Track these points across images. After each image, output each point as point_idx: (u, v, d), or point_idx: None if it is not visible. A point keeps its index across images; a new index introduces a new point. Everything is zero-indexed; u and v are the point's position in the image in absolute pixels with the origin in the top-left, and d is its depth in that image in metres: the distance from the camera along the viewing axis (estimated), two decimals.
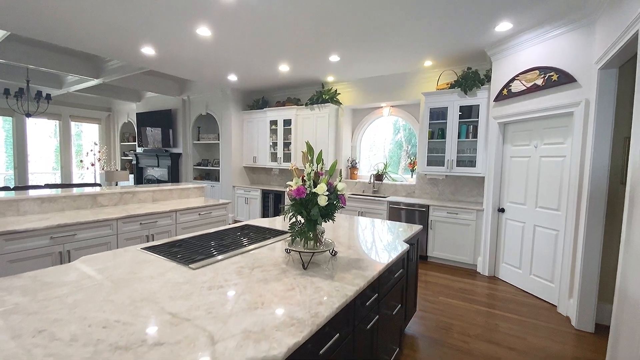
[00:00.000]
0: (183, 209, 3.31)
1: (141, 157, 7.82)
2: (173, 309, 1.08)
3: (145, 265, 1.50)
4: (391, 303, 1.80)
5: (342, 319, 1.24)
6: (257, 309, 1.09)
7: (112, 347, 0.86)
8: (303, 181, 1.51)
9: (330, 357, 1.16)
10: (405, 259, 2.04)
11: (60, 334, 0.91)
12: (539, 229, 3.21)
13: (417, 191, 4.75)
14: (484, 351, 2.27)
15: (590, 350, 2.31)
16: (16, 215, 2.64)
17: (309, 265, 1.53)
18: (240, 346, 0.88)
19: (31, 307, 1.07)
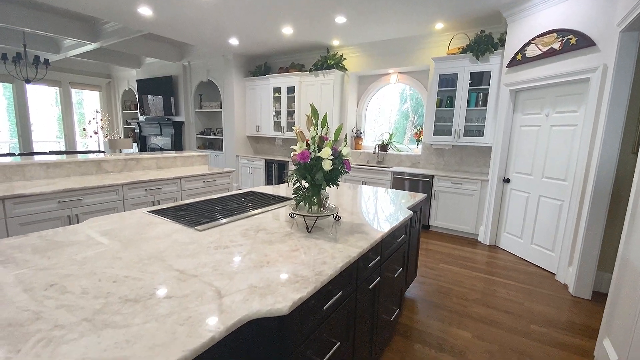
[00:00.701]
0: (187, 175, 3.32)
1: (144, 125, 7.75)
2: (180, 266, 1.10)
3: (151, 226, 1.52)
4: (393, 266, 1.84)
5: (345, 279, 1.26)
6: (263, 267, 1.12)
7: (122, 299, 0.89)
8: (307, 145, 1.48)
9: (333, 312, 1.20)
10: (408, 225, 2.06)
11: (71, 288, 0.94)
12: (544, 199, 3.20)
13: (422, 162, 4.71)
14: (481, 314, 2.34)
15: (586, 315, 2.38)
16: (22, 180, 2.67)
17: (313, 229, 1.54)
18: (247, 300, 0.91)
19: (41, 264, 1.09)
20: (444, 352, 1.92)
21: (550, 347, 2.00)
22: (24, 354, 0.67)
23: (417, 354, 1.90)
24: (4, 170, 2.57)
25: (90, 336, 0.73)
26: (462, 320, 2.26)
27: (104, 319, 0.79)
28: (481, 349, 1.96)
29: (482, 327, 2.18)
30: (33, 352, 0.67)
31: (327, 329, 1.17)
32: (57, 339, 0.72)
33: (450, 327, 2.17)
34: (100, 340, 0.71)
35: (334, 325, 1.22)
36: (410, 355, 1.89)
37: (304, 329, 1.02)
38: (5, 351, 0.67)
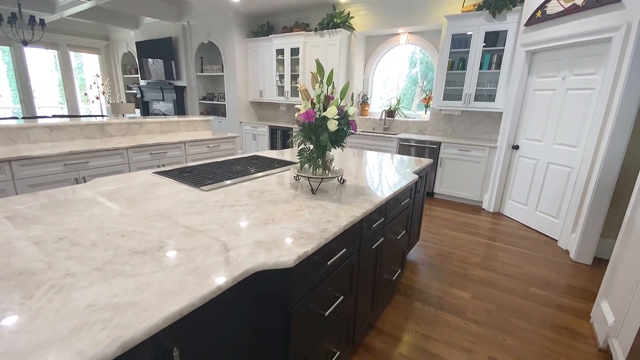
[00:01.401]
0: (191, 140, 3.30)
1: (145, 90, 7.61)
2: (187, 223, 1.11)
3: (157, 186, 1.53)
4: (396, 229, 1.85)
5: (348, 237, 1.28)
6: (268, 225, 1.12)
7: (131, 251, 0.90)
8: (312, 105, 1.43)
9: (337, 269, 1.23)
10: (413, 189, 2.05)
11: (80, 241, 0.96)
12: (553, 166, 3.14)
13: (429, 128, 4.60)
14: (481, 276, 2.40)
15: (585, 279, 2.42)
16: (27, 143, 2.67)
17: (318, 191, 1.54)
18: (253, 253, 0.92)
19: (50, 219, 1.11)
20: (443, 310, 1.99)
21: (547, 307, 2.06)
22: (37, 299, 0.69)
23: (417, 312, 1.97)
24: (8, 132, 2.56)
25: (100, 284, 0.75)
26: (462, 282, 2.31)
27: (114, 268, 0.81)
28: (480, 308, 2.03)
29: (482, 289, 2.24)
30: (46, 298, 0.69)
31: (331, 283, 1.20)
32: (69, 286, 0.74)
33: (450, 288, 2.23)
34: (111, 288, 0.73)
35: (337, 281, 1.25)
36: (410, 312, 1.97)
37: (309, 282, 1.05)
38: (18, 297, 0.69)
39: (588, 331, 1.85)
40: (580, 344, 1.75)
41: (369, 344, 1.70)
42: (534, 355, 1.66)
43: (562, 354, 1.68)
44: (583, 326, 1.90)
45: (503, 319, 1.94)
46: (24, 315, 0.64)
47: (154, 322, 0.63)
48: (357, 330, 1.56)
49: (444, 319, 1.92)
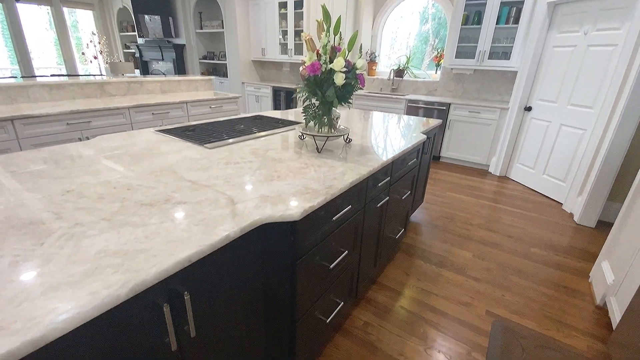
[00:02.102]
0: (193, 100, 3.22)
1: (144, 49, 7.33)
2: (192, 178, 1.10)
3: (161, 144, 1.51)
4: (401, 189, 1.84)
5: (354, 195, 1.27)
6: (273, 181, 1.12)
7: (138, 203, 0.91)
8: (318, 56, 1.35)
9: (341, 225, 1.24)
10: (420, 150, 2.01)
11: (87, 193, 0.96)
12: (565, 128, 3.05)
13: (439, 89, 4.43)
14: (483, 237, 2.43)
15: (587, 241, 2.45)
16: (28, 102, 2.62)
17: (323, 150, 1.51)
18: (259, 206, 0.92)
19: (56, 173, 1.11)
20: (444, 268, 2.05)
21: (547, 267, 2.11)
22: (48, 246, 0.70)
23: (418, 269, 2.03)
24: (8, 91, 2.51)
25: (109, 232, 0.76)
26: (464, 242, 2.35)
27: (122, 219, 0.82)
28: (480, 266, 2.08)
29: (483, 249, 2.28)
30: (57, 245, 0.71)
31: (335, 238, 1.22)
32: (79, 234, 0.75)
33: (452, 248, 2.28)
34: (120, 236, 0.74)
35: (342, 237, 1.27)
36: (412, 269, 2.02)
37: (314, 236, 1.06)
38: (29, 244, 0.71)
39: (586, 289, 1.90)
40: (577, 300, 1.81)
41: (371, 297, 1.77)
42: (530, 310, 1.72)
43: (559, 309, 1.74)
44: (581, 285, 1.94)
45: (503, 276, 1.99)
46: (36, 261, 0.65)
47: (164, 267, 0.65)
48: (360, 284, 1.62)
49: (444, 276, 1.97)
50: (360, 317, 1.64)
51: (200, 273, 0.76)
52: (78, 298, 0.56)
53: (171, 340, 0.70)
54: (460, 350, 1.47)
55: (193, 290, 0.76)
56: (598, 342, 1.53)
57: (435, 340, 1.52)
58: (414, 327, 1.58)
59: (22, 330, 0.49)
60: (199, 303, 0.79)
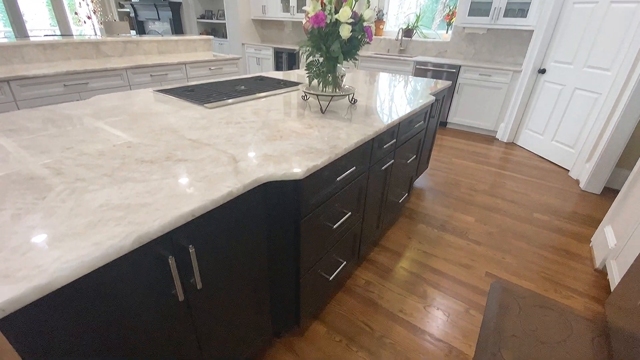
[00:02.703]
0: (192, 61, 3.10)
1: (139, 8, 6.96)
2: (193, 137, 1.08)
3: (160, 103, 1.46)
4: (406, 153, 1.81)
5: (359, 156, 1.24)
6: (276, 140, 1.09)
7: (139, 160, 0.89)
8: (322, 6, 1.26)
9: (345, 186, 1.22)
10: (427, 113, 1.94)
11: (87, 150, 0.94)
12: (579, 92, 2.93)
13: (449, 50, 4.22)
14: (486, 202, 2.43)
15: (591, 208, 2.44)
16: (22, 63, 2.54)
17: (327, 111, 1.46)
18: (262, 165, 0.90)
19: (54, 131, 1.09)
20: (446, 232, 2.07)
21: (549, 231, 2.12)
22: (49, 200, 0.69)
23: (420, 232, 2.05)
24: (2, 52, 2.41)
25: (111, 187, 0.75)
26: (466, 207, 2.35)
27: (123, 175, 0.81)
28: (482, 230, 2.10)
29: (486, 213, 2.29)
30: (59, 199, 0.70)
31: (339, 199, 1.21)
32: (80, 189, 0.74)
33: (455, 212, 2.28)
34: (122, 191, 0.73)
35: (346, 198, 1.26)
36: (414, 232, 2.04)
37: (318, 196, 1.05)
38: (31, 198, 0.70)
39: (586, 253, 1.92)
40: (576, 264, 1.83)
41: (373, 259, 1.81)
42: (529, 272, 1.75)
43: (558, 271, 1.77)
44: (582, 249, 1.96)
45: (504, 240, 2.01)
46: (38, 214, 0.65)
47: (167, 220, 0.64)
48: (363, 245, 1.64)
49: (446, 239, 2.00)
50: (362, 276, 1.68)
51: (204, 228, 0.76)
52: (82, 248, 0.56)
53: (178, 291, 0.72)
54: (459, 308, 1.51)
55: (198, 244, 0.76)
56: (595, 303, 1.57)
57: (435, 298, 1.56)
58: (414, 287, 1.63)
59: (27, 277, 0.49)
60: (204, 257, 0.79)
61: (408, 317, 1.46)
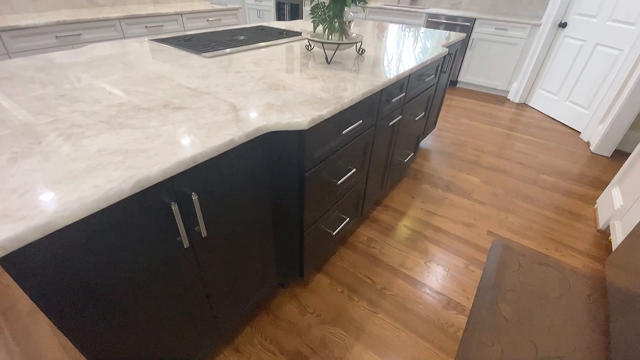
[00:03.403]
0: (189, 11, 2.91)
1: None
2: (191, 85, 1.03)
3: (156, 52, 1.39)
4: (415, 109, 1.74)
5: (366, 109, 1.19)
6: (279, 90, 1.03)
7: (135, 108, 0.85)
8: None
9: (351, 141, 1.19)
10: (439, 67, 1.84)
11: (82, 98, 0.90)
12: (600, 48, 2.75)
13: (464, 1, 3.92)
14: (493, 163, 2.39)
15: (600, 170, 2.39)
16: (12, 13, 2.40)
17: (333, 62, 1.38)
18: (264, 114, 0.86)
19: (48, 79, 1.04)
20: (450, 192, 2.05)
21: (554, 192, 2.10)
22: (46, 145, 0.67)
23: (424, 192, 2.04)
24: None
25: (108, 133, 0.72)
26: (472, 168, 2.32)
27: (120, 121, 0.78)
28: (487, 191, 2.08)
29: (492, 174, 2.26)
30: (55, 144, 0.68)
31: (344, 155, 1.18)
32: (77, 134, 0.71)
33: (460, 173, 2.26)
34: (119, 137, 0.71)
35: (351, 153, 1.23)
36: (417, 192, 2.04)
37: (323, 149, 1.02)
38: (26, 143, 0.68)
39: (590, 215, 1.92)
40: (579, 224, 1.83)
41: (376, 217, 1.82)
42: (531, 232, 1.76)
43: (560, 231, 1.77)
44: (586, 210, 1.95)
45: (508, 201, 2.00)
46: (35, 157, 0.63)
47: (168, 166, 0.62)
48: (366, 203, 1.64)
49: (449, 199, 1.99)
50: (364, 233, 1.70)
51: (207, 177, 0.75)
52: (81, 190, 0.54)
53: (183, 238, 0.72)
54: (459, 264, 1.54)
55: (201, 193, 0.75)
56: (595, 261, 1.59)
57: (436, 255, 1.59)
58: (416, 243, 1.65)
59: (27, 217, 0.48)
60: (207, 206, 0.79)
61: (409, 271, 1.50)
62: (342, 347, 1.18)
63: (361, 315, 1.29)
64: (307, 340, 1.19)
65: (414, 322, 1.27)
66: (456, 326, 1.27)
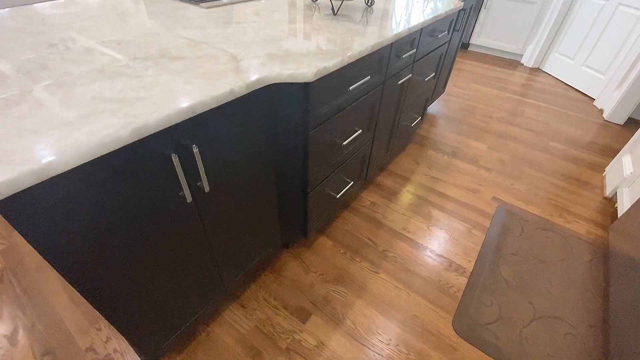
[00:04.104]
0: None
1: None
2: (188, 36, 0.96)
3: (148, 4, 1.30)
4: (425, 69, 1.66)
5: (374, 64, 1.13)
6: (281, 41, 0.97)
7: (131, 57, 0.80)
8: None
9: (358, 99, 1.14)
10: (453, 22, 1.72)
11: (73, 47, 0.85)
12: (623, 8, 2.56)
13: None
14: (502, 130, 2.32)
15: (611, 137, 2.33)
16: None
17: (339, 14, 1.28)
18: (265, 64, 0.81)
19: (36, 29, 0.98)
20: (456, 158, 2.02)
21: (563, 160, 2.05)
22: (37, 92, 0.64)
23: (430, 158, 2.01)
24: None
25: (102, 82, 0.68)
26: (480, 135, 2.26)
27: (115, 70, 0.73)
28: (494, 157, 2.04)
29: (500, 141, 2.20)
30: (47, 91, 0.64)
31: (350, 114, 1.13)
32: (69, 83, 0.67)
33: (468, 139, 2.20)
34: (114, 85, 0.67)
35: (357, 113, 1.18)
36: (423, 158, 2.00)
37: (329, 106, 0.98)
38: (17, 91, 0.64)
39: (598, 182, 1.89)
40: (586, 192, 1.81)
41: (380, 182, 1.80)
42: (537, 198, 1.74)
43: (565, 198, 1.76)
44: (594, 178, 1.92)
45: (515, 167, 1.96)
46: (26, 105, 0.60)
47: (165, 114, 0.59)
48: (371, 167, 1.61)
49: (455, 165, 1.96)
50: (368, 198, 1.70)
51: (208, 130, 0.71)
52: (77, 136, 0.52)
53: (185, 193, 0.70)
54: (462, 228, 1.55)
55: (202, 147, 0.72)
56: (599, 228, 1.59)
57: (439, 219, 1.59)
58: (419, 208, 1.65)
59: (21, 161, 0.46)
60: (209, 161, 0.76)
61: (411, 235, 1.50)
62: (344, 304, 1.21)
63: (363, 275, 1.31)
64: (310, 297, 1.22)
65: (414, 283, 1.30)
66: (456, 287, 1.29)
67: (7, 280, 1.25)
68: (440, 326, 1.16)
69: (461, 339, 1.12)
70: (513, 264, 1.38)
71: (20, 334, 1.09)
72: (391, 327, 1.15)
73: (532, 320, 1.18)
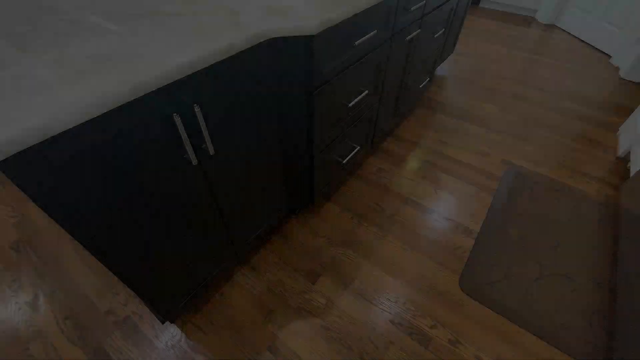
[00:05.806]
0: None
1: None
2: None
3: None
4: (435, 25, 1.57)
5: (381, 17, 1.06)
6: None
7: (124, 13, 0.76)
8: None
9: (365, 55, 1.08)
10: None
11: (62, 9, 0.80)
12: None
13: None
14: (513, 90, 2.24)
15: (626, 97, 2.23)
16: None
17: None
18: (265, 18, 0.76)
19: None
20: (465, 121, 1.96)
21: (576, 120, 1.99)
22: (31, 52, 0.61)
23: (438, 122, 1.95)
24: None
25: (96, 40, 0.65)
26: (490, 96, 2.18)
27: (106, 27, 0.69)
28: (504, 119, 1.98)
29: (511, 102, 2.13)
30: (40, 51, 0.61)
31: (356, 73, 1.08)
32: (62, 42, 0.64)
33: (477, 102, 2.13)
34: (109, 43, 0.63)
35: (363, 72, 1.13)
36: (431, 122, 1.95)
37: (333, 63, 0.93)
38: (11, 51, 0.61)
39: (610, 142, 1.84)
40: (598, 152, 1.77)
41: (387, 148, 1.77)
42: (548, 159, 1.71)
43: (577, 159, 1.72)
44: (607, 138, 1.86)
45: (526, 129, 1.91)
46: (21, 64, 0.57)
47: (165, 70, 0.56)
48: (377, 133, 1.58)
49: (464, 128, 1.91)
50: (374, 164, 1.68)
51: (209, 88, 0.68)
52: (76, 93, 0.49)
53: (190, 155, 0.69)
54: (470, 191, 1.53)
55: (204, 106, 0.70)
56: (610, 188, 1.56)
57: (447, 183, 1.57)
58: (427, 173, 1.63)
59: (21, 119, 0.45)
60: (212, 123, 0.74)
61: (419, 199, 1.50)
62: (352, 266, 1.23)
63: (370, 239, 1.33)
64: (319, 260, 1.25)
65: (422, 245, 1.31)
66: (464, 247, 1.30)
67: (24, 250, 1.29)
68: (448, 285, 1.18)
69: (468, 296, 1.15)
70: (521, 225, 1.38)
71: (41, 300, 1.14)
72: (399, 287, 1.17)
73: (538, 279, 1.20)
